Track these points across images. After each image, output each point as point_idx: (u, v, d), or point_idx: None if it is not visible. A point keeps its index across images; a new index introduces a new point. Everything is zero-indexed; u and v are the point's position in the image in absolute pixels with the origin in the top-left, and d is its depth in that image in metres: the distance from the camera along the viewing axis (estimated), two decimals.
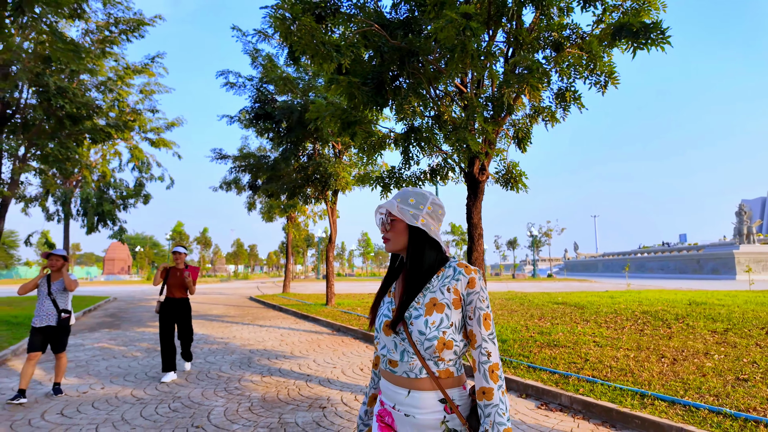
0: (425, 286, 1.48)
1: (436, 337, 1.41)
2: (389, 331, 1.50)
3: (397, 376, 1.49)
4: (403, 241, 1.54)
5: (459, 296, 1.45)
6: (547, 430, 4.15)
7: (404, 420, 1.48)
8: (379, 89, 7.40)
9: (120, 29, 14.02)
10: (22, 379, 4.99)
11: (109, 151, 20.72)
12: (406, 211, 1.52)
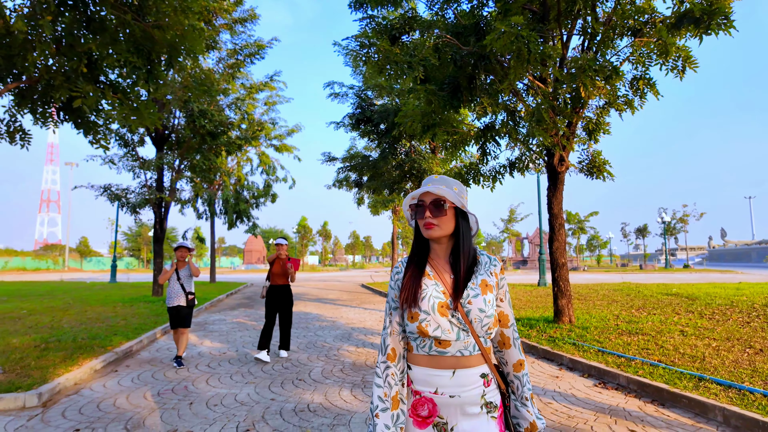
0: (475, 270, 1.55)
1: (492, 314, 1.48)
2: (446, 312, 1.48)
3: (447, 357, 1.48)
4: (450, 226, 1.54)
5: (497, 281, 1.56)
6: (594, 403, 4.57)
7: (448, 402, 1.47)
8: (455, 93, 8.03)
9: (244, 54, 16.43)
10: (178, 347, 6.26)
11: (242, 158, 24.07)
12: (457, 198, 1.52)
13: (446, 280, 1.53)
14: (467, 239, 1.54)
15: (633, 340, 6.69)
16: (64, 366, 5.66)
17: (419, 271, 1.54)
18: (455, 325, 1.46)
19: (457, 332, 1.46)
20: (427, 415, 1.48)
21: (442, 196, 1.51)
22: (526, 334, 7.56)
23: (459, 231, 1.54)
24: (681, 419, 4.11)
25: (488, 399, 1.48)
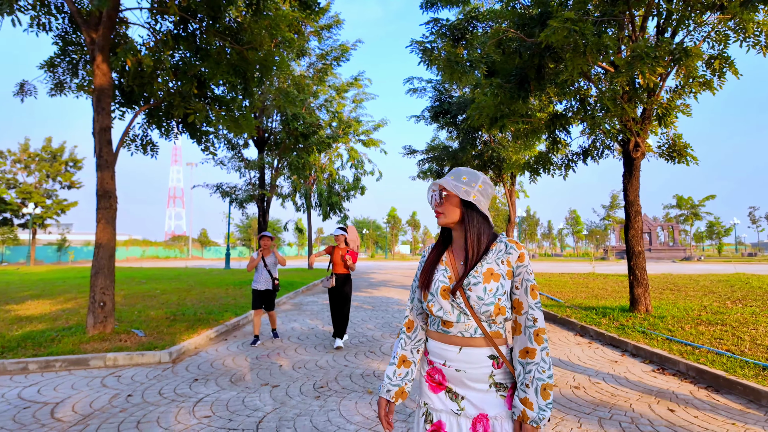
0: (483, 257, 1.60)
1: (493, 302, 1.54)
2: (447, 296, 1.59)
3: (451, 335, 1.60)
4: (455, 215, 1.63)
5: (511, 268, 1.59)
6: (644, 386, 4.72)
7: (455, 375, 1.59)
8: (522, 84, 8.21)
9: (331, 57, 17.65)
10: (255, 328, 6.80)
11: (334, 154, 25.68)
12: (459, 188, 1.60)
13: (456, 267, 1.64)
14: (472, 228, 1.61)
15: (708, 330, 6.47)
16: (187, 333, 7.05)
17: (437, 257, 1.69)
18: (456, 308, 1.58)
19: (458, 315, 1.58)
20: (439, 381, 1.63)
21: (442, 187, 1.65)
22: (597, 322, 7.59)
23: (464, 219, 1.62)
24: (730, 404, 4.15)
25: (497, 380, 1.57)
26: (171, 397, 4.49)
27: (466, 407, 1.57)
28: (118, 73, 7.46)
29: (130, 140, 8.35)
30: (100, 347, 6.04)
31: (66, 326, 7.34)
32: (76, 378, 5.16)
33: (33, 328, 7.22)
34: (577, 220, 58.52)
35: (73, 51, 8.30)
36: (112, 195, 6.69)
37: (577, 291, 12.25)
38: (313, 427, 3.72)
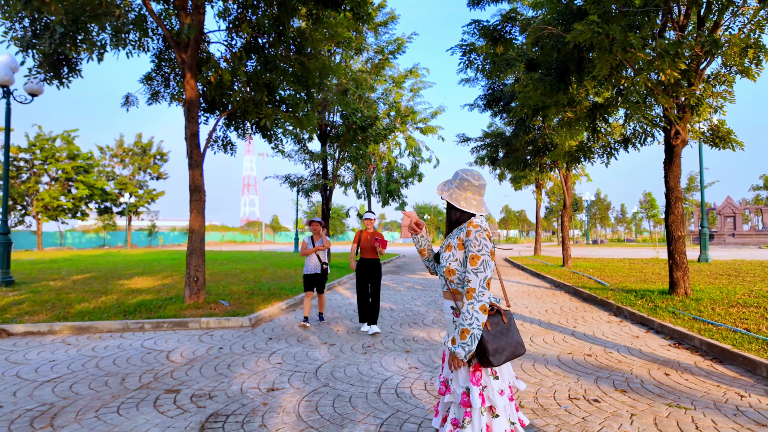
0: (449, 235, 2.31)
1: (444, 266, 2.22)
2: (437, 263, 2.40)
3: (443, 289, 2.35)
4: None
5: (461, 241, 2.18)
6: (653, 356, 5.27)
7: (446, 320, 2.35)
8: (562, 76, 8.65)
9: (387, 51, 18.46)
10: (305, 309, 6.98)
11: (392, 143, 26.59)
12: (443, 188, 2.33)
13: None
14: (451, 214, 2.29)
15: (738, 312, 6.72)
16: (263, 304, 8.39)
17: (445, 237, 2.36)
18: (439, 270, 2.32)
19: (440, 275, 2.30)
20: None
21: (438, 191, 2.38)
22: (632, 303, 7.99)
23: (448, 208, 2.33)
24: (726, 372, 4.64)
25: (457, 324, 2.12)
26: (251, 350, 5.74)
27: (448, 342, 2.26)
28: (203, 85, 8.84)
29: (213, 141, 9.80)
30: (195, 313, 7.51)
31: (168, 297, 8.98)
32: (179, 335, 6.59)
33: (143, 298, 8.93)
34: (652, 203, 55.16)
35: (166, 66, 9.85)
36: (201, 189, 8.12)
37: (629, 275, 12.36)
38: (359, 373, 4.75)
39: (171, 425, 3.48)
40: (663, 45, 5.91)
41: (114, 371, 4.85)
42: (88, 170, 40.98)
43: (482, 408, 2.13)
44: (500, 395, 2.15)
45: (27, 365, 5.10)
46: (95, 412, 3.74)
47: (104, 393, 4.19)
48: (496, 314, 2.20)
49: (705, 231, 16.49)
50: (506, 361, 2.13)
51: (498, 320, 2.19)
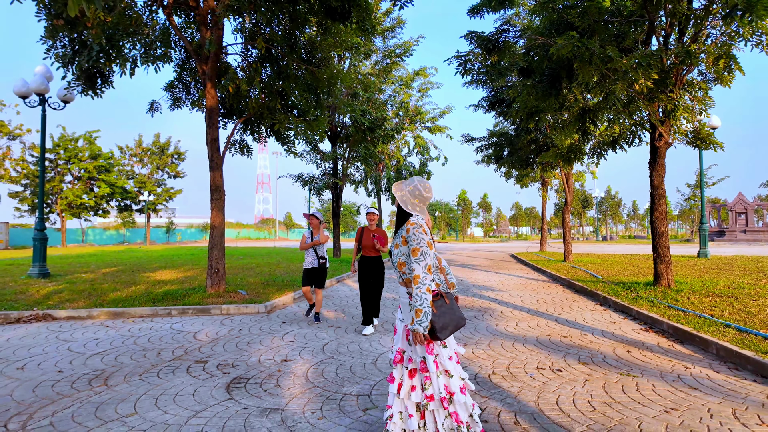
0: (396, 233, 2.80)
1: (396, 261, 2.75)
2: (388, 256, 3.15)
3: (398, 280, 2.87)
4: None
5: (404, 238, 2.68)
6: (623, 338, 5.90)
7: (402, 303, 2.82)
8: (553, 83, 9.26)
9: (395, 55, 19.13)
10: (309, 299, 7.04)
11: (401, 141, 27.28)
12: (398, 188, 2.81)
13: None
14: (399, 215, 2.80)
15: (711, 300, 7.31)
16: (277, 294, 9.18)
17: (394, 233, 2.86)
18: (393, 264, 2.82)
19: (394, 269, 2.84)
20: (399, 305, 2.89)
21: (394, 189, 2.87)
22: (617, 293, 8.59)
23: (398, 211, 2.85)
24: (683, 350, 5.27)
25: (412, 306, 2.63)
26: (267, 331, 6.52)
27: (404, 320, 2.79)
28: (221, 94, 9.64)
29: (231, 145, 10.62)
30: (217, 301, 8.33)
31: (191, 287, 9.84)
32: (203, 320, 7.40)
33: (169, 288, 9.80)
34: None
35: (187, 75, 10.68)
36: (221, 189, 8.92)
37: (624, 270, 12.90)
38: (360, 348, 5.49)
39: (202, 385, 4.26)
40: (636, 57, 6.50)
41: (150, 347, 5.67)
42: (109, 169, 42.42)
43: (437, 372, 2.64)
44: (449, 360, 2.69)
45: (75, 342, 5.94)
46: (139, 376, 4.54)
47: (144, 362, 5.00)
48: (440, 297, 2.68)
49: (704, 227, 16.89)
50: (451, 334, 2.64)
51: (441, 302, 2.67)
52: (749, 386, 4.06)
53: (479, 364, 4.81)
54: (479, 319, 7.19)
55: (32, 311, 7.62)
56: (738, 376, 4.32)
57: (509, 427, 3.29)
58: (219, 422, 3.41)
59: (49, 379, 4.43)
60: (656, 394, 3.90)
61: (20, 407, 3.73)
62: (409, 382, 2.71)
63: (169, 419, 3.48)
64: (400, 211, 2.76)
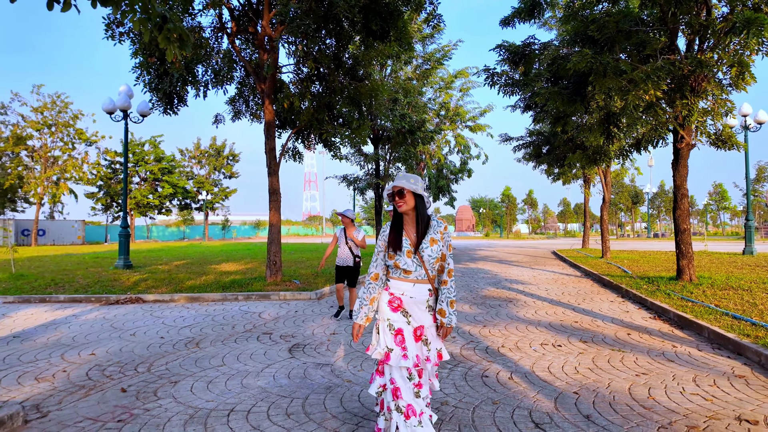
0: (427, 230, 2.67)
1: (436, 257, 2.66)
2: (410, 255, 2.64)
3: (410, 278, 2.67)
4: (412, 204, 2.64)
5: (441, 237, 2.70)
6: (628, 323, 6.62)
7: (410, 301, 2.67)
8: (578, 89, 9.93)
9: (435, 59, 20.00)
10: (339, 299, 7.18)
11: (442, 141, 28.05)
12: (415, 187, 2.63)
13: (411, 237, 2.67)
14: (422, 211, 2.63)
15: (725, 294, 7.80)
16: (326, 284, 10.42)
17: (398, 231, 2.67)
18: (414, 262, 2.64)
19: (415, 267, 2.64)
20: (397, 306, 2.68)
21: (402, 186, 2.61)
22: (639, 287, 9.16)
23: (418, 206, 2.64)
24: (679, 334, 5.96)
25: (430, 303, 2.70)
26: (318, 313, 7.72)
27: (412, 321, 2.68)
28: (277, 108, 10.98)
29: (285, 152, 11.98)
30: (275, 288, 9.67)
31: (252, 277, 11.29)
32: (265, 304, 8.73)
33: (234, 278, 11.30)
34: (723, 195, 52.08)
35: (246, 90, 12.13)
36: (278, 192, 10.26)
37: (656, 266, 13.21)
38: None
39: (270, 348, 5.48)
40: (645, 70, 7.13)
41: (225, 323, 7.01)
42: (171, 171, 45.89)
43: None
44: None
45: (166, 319, 7.39)
46: (222, 342, 5.83)
47: (223, 333, 6.31)
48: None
49: (750, 224, 16.66)
50: None
51: None
52: (721, 361, 4.78)
53: (492, 340, 5.75)
54: (502, 307, 8.08)
55: (127, 295, 9.26)
56: (716, 354, 5.03)
57: (504, 381, 4.25)
58: (285, 371, 4.59)
59: (155, 343, 5.81)
60: (636, 364, 4.71)
61: (142, 359, 5.09)
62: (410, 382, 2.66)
63: (249, 368, 4.70)
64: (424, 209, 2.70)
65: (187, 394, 3.97)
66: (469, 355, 5.08)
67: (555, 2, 11.33)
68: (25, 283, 10.63)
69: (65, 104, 37.05)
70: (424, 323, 2.66)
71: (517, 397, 3.84)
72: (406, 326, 2.65)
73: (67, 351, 5.43)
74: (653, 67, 7.15)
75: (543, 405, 3.66)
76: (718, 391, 3.91)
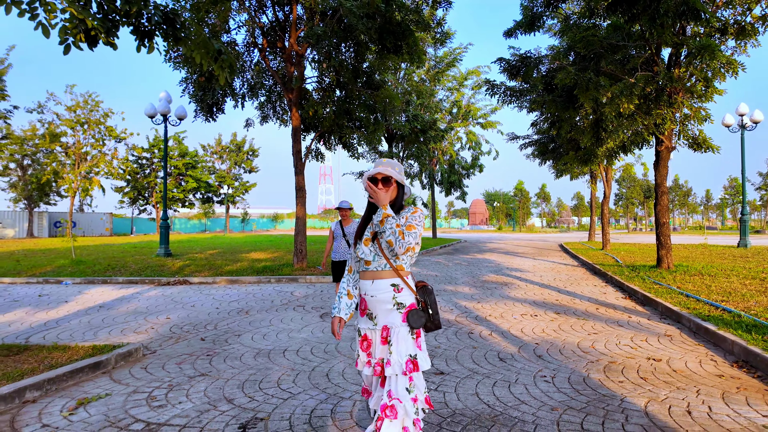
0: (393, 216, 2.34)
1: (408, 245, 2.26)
2: (368, 242, 2.41)
3: (369, 271, 2.39)
4: (394, 194, 2.42)
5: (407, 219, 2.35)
6: (602, 302, 7.88)
7: (371, 300, 2.40)
8: (569, 97, 11.12)
9: (446, 63, 21.21)
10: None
11: (453, 137, 29.24)
12: (400, 176, 2.43)
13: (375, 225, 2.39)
14: (399, 200, 2.46)
15: (694, 279, 8.99)
16: None
17: (366, 220, 2.49)
18: (372, 251, 2.39)
19: (373, 256, 2.39)
20: (364, 308, 2.46)
21: (388, 174, 2.38)
22: (621, 273, 10.37)
23: (397, 197, 2.45)
24: (638, 308, 7.22)
25: (398, 300, 2.35)
26: None
27: (378, 323, 2.40)
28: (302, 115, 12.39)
29: (308, 153, 13.42)
30: (302, 273, 11.13)
31: (281, 263, 12.80)
32: (294, 285, 10.20)
33: (265, 264, 12.82)
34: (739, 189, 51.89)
35: (274, 96, 13.57)
36: (303, 189, 11.70)
37: (647, 257, 14.34)
38: None
39: (304, 315, 6.92)
40: (619, 86, 8.31)
41: (264, 298, 8.48)
42: (195, 166, 47.87)
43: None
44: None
45: (214, 296, 8.90)
46: (265, 311, 7.29)
47: (265, 305, 7.78)
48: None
49: (745, 218, 17.58)
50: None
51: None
52: (661, 327, 6.05)
53: (482, 311, 7.10)
54: (497, 289, 9.40)
55: (175, 278, 10.82)
56: (661, 323, 6.29)
57: (485, 336, 5.60)
58: (319, 329, 6.02)
59: (213, 311, 7.30)
60: (592, 328, 6.01)
61: (207, 321, 6.58)
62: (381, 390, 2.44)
63: (291, 327, 6.14)
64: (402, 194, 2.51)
65: (249, 342, 5.43)
66: (461, 321, 6.44)
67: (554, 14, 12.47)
68: (87, 268, 12.31)
69: (96, 103, 39.09)
70: (388, 323, 2.38)
71: (492, 345, 5.20)
72: (370, 331, 2.46)
73: (147, 316, 6.96)
74: (626, 84, 8.33)
75: (509, 350, 5.02)
76: (644, 344, 5.21)
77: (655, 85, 8.89)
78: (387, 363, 2.32)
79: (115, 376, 4.26)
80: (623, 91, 8.26)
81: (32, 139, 37.02)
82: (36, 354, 4.53)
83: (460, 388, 3.88)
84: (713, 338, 5.25)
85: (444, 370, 4.33)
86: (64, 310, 7.50)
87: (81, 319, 6.74)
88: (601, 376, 4.15)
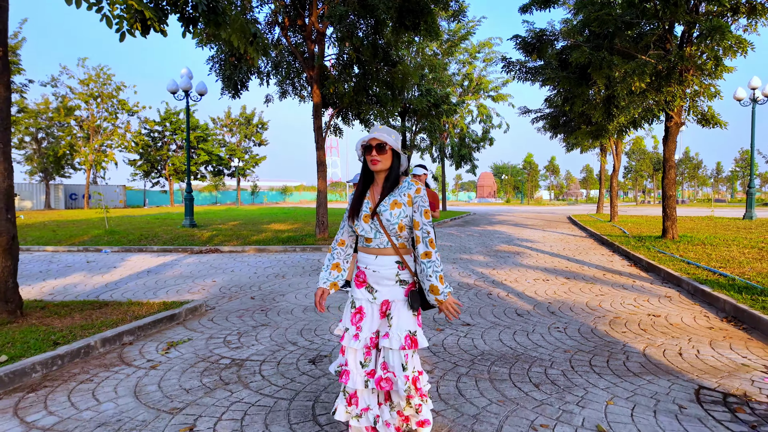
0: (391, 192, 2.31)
1: (397, 222, 2.27)
2: (367, 220, 2.32)
3: (371, 247, 2.36)
4: (388, 163, 2.31)
5: (411, 198, 2.30)
6: (608, 268, 8.50)
7: (372, 274, 2.37)
8: (583, 74, 11.47)
9: (459, 36, 21.29)
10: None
11: (464, 111, 29.41)
12: (396, 143, 2.28)
13: (375, 199, 2.36)
14: (395, 171, 2.33)
15: (696, 248, 9.56)
16: None
17: (361, 194, 2.39)
18: (373, 228, 2.32)
19: (374, 233, 2.33)
20: (363, 280, 2.42)
21: (383, 141, 2.25)
22: (628, 243, 10.96)
23: (393, 165, 2.32)
24: (642, 274, 7.84)
25: (401, 278, 2.35)
26: None
27: (378, 297, 2.37)
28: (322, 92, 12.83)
29: (327, 129, 13.92)
30: (324, 243, 11.83)
31: (303, 234, 13.50)
32: (318, 254, 10.89)
33: (288, 235, 13.53)
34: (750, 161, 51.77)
35: (293, 73, 13.98)
36: (324, 163, 12.26)
37: (653, 228, 14.87)
38: None
39: None
40: (632, 65, 8.67)
41: (294, 265, 9.18)
42: (206, 139, 48.36)
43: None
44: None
45: (248, 262, 9.62)
46: (299, 276, 7.99)
47: (297, 271, 8.48)
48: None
49: (752, 191, 17.96)
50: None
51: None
52: (662, 290, 6.68)
53: (498, 276, 7.75)
54: (510, 257, 10.04)
55: (206, 247, 11.56)
56: (662, 286, 6.91)
57: (502, 297, 6.27)
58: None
59: (252, 276, 8.02)
60: (599, 291, 6.65)
61: (250, 283, 7.29)
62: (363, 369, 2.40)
63: None
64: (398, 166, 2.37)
65: (293, 299, 6.14)
66: (480, 284, 7.11)
67: None
68: (121, 237, 13.09)
69: (108, 76, 39.41)
70: (390, 297, 2.36)
71: (509, 304, 5.87)
72: (368, 304, 2.40)
73: (195, 279, 7.70)
74: (638, 63, 8.70)
75: (525, 307, 5.69)
76: (646, 304, 5.85)
77: (667, 63, 9.24)
78: (384, 335, 2.33)
79: (189, 326, 4.98)
80: (635, 70, 8.64)
81: (45, 112, 37.53)
82: (117, 308, 5.26)
83: (486, 335, 4.56)
84: (708, 298, 5.88)
85: (470, 322, 5.01)
86: (116, 274, 8.26)
87: (136, 282, 7.50)
88: (606, 327, 4.81)
